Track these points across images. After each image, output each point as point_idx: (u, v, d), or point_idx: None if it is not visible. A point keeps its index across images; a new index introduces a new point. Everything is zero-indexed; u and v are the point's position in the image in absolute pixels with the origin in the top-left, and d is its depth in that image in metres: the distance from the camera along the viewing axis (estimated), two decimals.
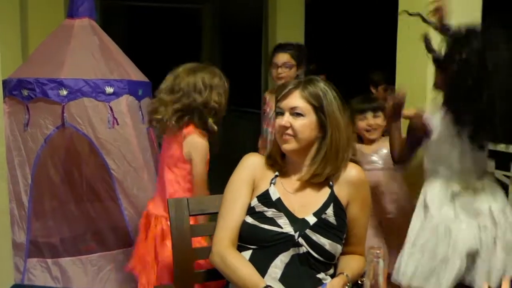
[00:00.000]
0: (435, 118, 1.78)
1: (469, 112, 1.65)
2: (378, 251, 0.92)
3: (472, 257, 1.72)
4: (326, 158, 1.40)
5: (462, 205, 1.75)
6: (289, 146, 1.40)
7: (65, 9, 3.41)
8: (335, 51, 5.01)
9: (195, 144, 1.92)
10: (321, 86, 1.41)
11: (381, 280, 0.90)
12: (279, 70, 2.75)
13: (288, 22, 4.47)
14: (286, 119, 1.39)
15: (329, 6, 5.12)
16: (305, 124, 1.38)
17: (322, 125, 1.40)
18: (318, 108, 1.39)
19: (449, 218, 1.74)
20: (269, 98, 2.97)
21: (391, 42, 2.45)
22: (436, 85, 1.84)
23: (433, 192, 1.79)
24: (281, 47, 2.85)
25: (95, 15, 2.89)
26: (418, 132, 1.83)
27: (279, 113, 1.42)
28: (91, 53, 2.69)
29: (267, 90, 3.21)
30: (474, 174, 1.80)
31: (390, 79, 2.77)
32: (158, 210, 2.03)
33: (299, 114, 1.39)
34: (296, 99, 1.39)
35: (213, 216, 1.55)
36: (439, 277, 1.70)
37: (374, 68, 3.65)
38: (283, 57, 2.76)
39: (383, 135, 2.36)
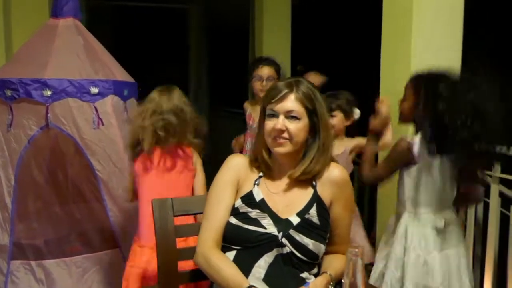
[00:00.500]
0: (418, 145, 1.80)
1: (455, 140, 1.71)
2: (356, 250, 0.93)
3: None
4: (317, 157, 1.41)
5: (440, 238, 1.83)
6: (284, 149, 1.40)
7: (49, 8, 3.38)
8: (322, 52, 5.04)
9: (198, 157, 2.18)
10: (310, 87, 1.41)
11: (360, 278, 0.92)
12: (264, 83, 2.68)
13: (275, 23, 4.48)
14: (282, 122, 1.38)
15: (316, 8, 5.15)
16: (300, 127, 1.39)
17: (313, 127, 1.41)
18: (312, 111, 1.39)
19: (428, 251, 1.81)
20: (251, 110, 2.89)
21: (377, 43, 2.47)
22: (404, 117, 1.91)
23: (413, 226, 1.85)
24: (265, 60, 2.77)
25: (80, 15, 2.86)
26: (403, 158, 1.84)
27: (272, 115, 1.40)
28: (75, 53, 2.66)
29: (247, 101, 3.05)
30: (449, 203, 1.88)
31: None
32: None
33: (294, 118, 1.38)
34: (292, 102, 1.38)
35: None
36: None
37: (365, 70, 3.67)
38: (268, 70, 2.70)
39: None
